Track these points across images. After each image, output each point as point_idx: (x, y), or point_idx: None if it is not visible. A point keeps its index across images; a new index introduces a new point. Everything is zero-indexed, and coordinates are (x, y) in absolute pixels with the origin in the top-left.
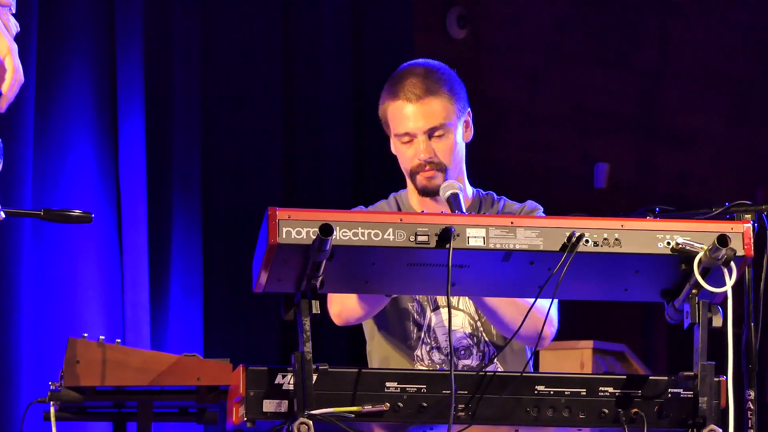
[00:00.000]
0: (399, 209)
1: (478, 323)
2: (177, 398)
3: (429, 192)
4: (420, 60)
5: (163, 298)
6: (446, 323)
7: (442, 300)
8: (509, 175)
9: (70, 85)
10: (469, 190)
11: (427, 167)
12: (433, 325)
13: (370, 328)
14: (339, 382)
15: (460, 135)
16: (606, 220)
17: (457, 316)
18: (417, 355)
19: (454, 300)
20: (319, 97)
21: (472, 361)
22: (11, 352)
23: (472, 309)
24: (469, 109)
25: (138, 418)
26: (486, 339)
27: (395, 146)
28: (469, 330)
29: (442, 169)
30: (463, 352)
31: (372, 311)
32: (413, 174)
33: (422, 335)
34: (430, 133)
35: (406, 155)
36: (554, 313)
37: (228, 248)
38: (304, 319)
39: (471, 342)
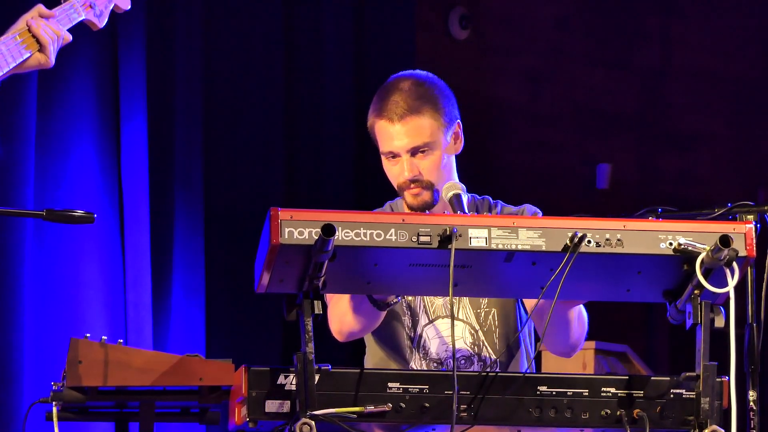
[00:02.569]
0: None
1: (479, 333)
2: (179, 398)
3: (416, 209)
4: (407, 72)
5: (165, 298)
6: (443, 336)
7: (440, 311)
8: (510, 176)
9: (72, 85)
10: (464, 197)
11: (413, 185)
12: (425, 338)
13: (366, 338)
14: (341, 383)
15: (447, 149)
16: (608, 221)
17: (458, 326)
18: (412, 367)
19: (454, 310)
20: (320, 97)
21: (474, 371)
22: (14, 352)
23: (473, 319)
24: (458, 120)
25: (140, 418)
26: (488, 349)
27: (383, 162)
28: (470, 340)
29: (429, 186)
30: (463, 362)
31: (370, 324)
32: (401, 190)
33: (414, 348)
34: (414, 152)
35: (393, 172)
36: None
37: (230, 248)
38: (306, 319)
39: (472, 352)
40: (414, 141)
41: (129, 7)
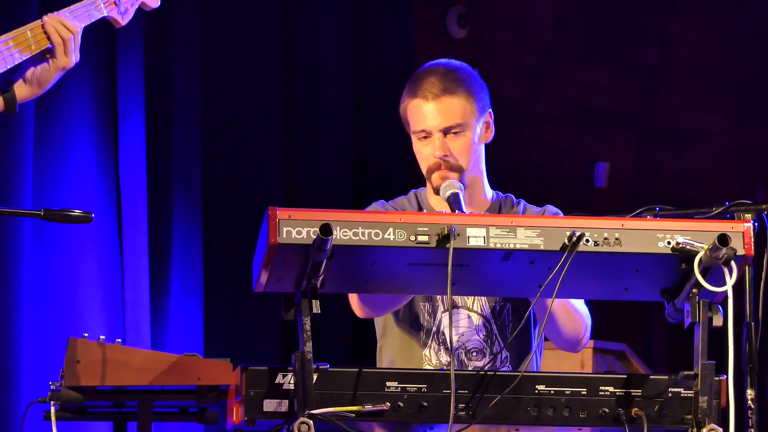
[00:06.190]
0: (419, 205)
1: (493, 326)
2: (177, 398)
3: None
4: (443, 60)
5: (163, 297)
6: (459, 323)
7: (458, 300)
8: (509, 175)
9: (71, 84)
10: (489, 192)
11: (443, 166)
12: (443, 326)
13: (382, 325)
14: (339, 382)
15: (478, 135)
16: (606, 220)
17: (473, 318)
18: (425, 355)
19: (469, 301)
20: (319, 96)
21: (485, 364)
22: (12, 352)
23: (488, 312)
24: (490, 110)
25: (138, 417)
26: (500, 343)
27: (414, 145)
28: (483, 332)
29: (458, 169)
30: (475, 354)
31: (395, 306)
32: (429, 173)
33: (431, 336)
34: (446, 132)
35: (424, 153)
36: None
37: (228, 248)
38: (304, 318)
39: (485, 344)
40: (447, 120)
41: (158, 5)
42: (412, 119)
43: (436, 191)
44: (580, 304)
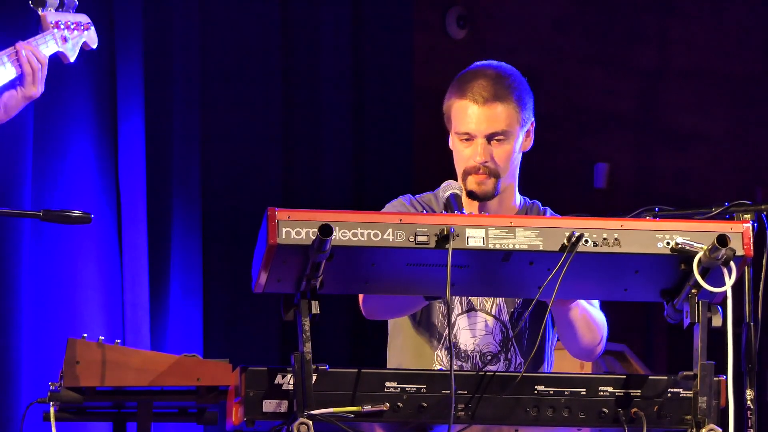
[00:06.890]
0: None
1: (509, 332)
2: (177, 398)
3: (476, 197)
4: (494, 62)
5: (162, 298)
6: (476, 326)
7: (476, 303)
8: None
9: (70, 84)
10: (518, 198)
11: (481, 170)
12: (456, 329)
13: (393, 323)
14: (339, 383)
15: (520, 143)
16: (605, 220)
17: (490, 322)
18: (438, 356)
19: (487, 305)
20: (318, 96)
21: (498, 369)
22: (11, 353)
23: (506, 318)
24: (533, 119)
25: (138, 418)
26: (515, 350)
27: (453, 143)
28: (499, 337)
29: (496, 175)
30: (489, 358)
31: (406, 311)
32: (466, 174)
33: (444, 338)
34: (490, 138)
35: (463, 154)
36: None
37: (228, 248)
38: (303, 319)
39: (500, 349)
40: (493, 127)
41: (95, 46)
42: (457, 119)
43: (469, 195)
44: (599, 315)
